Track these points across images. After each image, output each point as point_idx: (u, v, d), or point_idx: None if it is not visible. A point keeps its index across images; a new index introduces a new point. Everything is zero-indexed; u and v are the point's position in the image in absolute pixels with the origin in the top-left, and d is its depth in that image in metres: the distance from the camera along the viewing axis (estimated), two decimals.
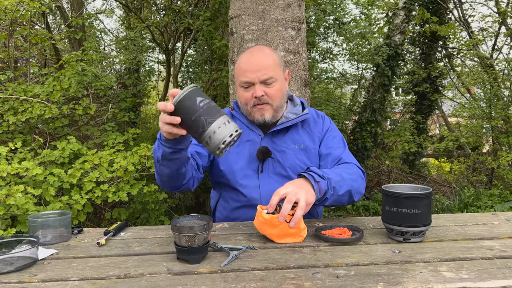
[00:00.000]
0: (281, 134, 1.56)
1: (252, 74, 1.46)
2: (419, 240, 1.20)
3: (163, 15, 7.13)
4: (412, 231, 1.17)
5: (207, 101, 1.07)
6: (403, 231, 1.18)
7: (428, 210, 1.18)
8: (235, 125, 1.08)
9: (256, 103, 1.49)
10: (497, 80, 6.33)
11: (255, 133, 1.57)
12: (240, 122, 1.60)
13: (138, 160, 3.20)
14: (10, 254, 1.08)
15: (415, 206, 1.16)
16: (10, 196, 2.27)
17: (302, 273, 0.96)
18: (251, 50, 1.56)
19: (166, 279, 0.95)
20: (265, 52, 1.52)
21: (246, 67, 1.48)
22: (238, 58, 1.57)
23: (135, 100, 5.94)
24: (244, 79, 1.48)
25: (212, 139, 1.06)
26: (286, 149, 1.54)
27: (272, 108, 1.50)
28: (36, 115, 3.25)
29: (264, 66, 1.47)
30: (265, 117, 1.50)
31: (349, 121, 7.53)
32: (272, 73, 1.47)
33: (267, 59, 1.49)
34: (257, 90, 1.46)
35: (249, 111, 1.52)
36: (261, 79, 1.46)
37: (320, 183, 1.27)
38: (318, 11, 6.44)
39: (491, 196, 5.40)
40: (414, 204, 1.16)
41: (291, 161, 1.53)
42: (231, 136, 1.06)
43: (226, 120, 1.07)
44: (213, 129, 1.05)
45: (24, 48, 4.62)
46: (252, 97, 1.48)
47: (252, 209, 1.49)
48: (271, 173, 1.53)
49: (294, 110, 1.59)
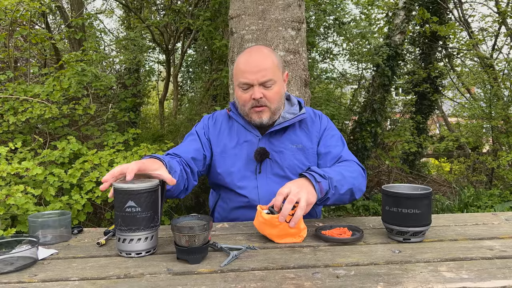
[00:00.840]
0: (278, 134, 1.56)
1: (251, 76, 1.45)
2: (419, 240, 1.20)
3: (163, 15, 7.13)
4: (412, 231, 1.17)
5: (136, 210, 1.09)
6: (403, 231, 1.18)
7: (428, 210, 1.18)
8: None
9: (254, 105, 1.48)
10: (497, 80, 6.33)
11: (253, 134, 1.56)
12: (237, 123, 1.60)
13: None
14: (10, 254, 1.08)
15: (415, 206, 1.16)
16: (10, 196, 2.27)
17: (302, 273, 0.96)
18: (250, 51, 1.54)
19: (166, 279, 0.95)
20: (264, 53, 1.51)
21: (245, 68, 1.47)
22: (237, 58, 1.56)
23: (135, 100, 5.94)
24: (243, 80, 1.47)
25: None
26: (284, 150, 1.54)
27: (270, 111, 1.50)
28: (36, 115, 3.25)
29: (264, 67, 1.46)
30: (262, 120, 1.50)
31: (349, 121, 7.52)
32: (271, 75, 1.47)
33: (267, 60, 1.48)
34: (256, 92, 1.46)
35: (246, 112, 1.52)
36: (260, 81, 1.45)
37: (321, 183, 1.27)
38: (318, 11, 6.44)
39: (491, 196, 5.40)
40: (414, 204, 1.16)
41: (289, 161, 1.53)
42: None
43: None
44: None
45: (24, 48, 4.62)
46: (250, 98, 1.48)
47: (251, 210, 1.50)
48: (269, 174, 1.53)
49: (291, 110, 1.59)
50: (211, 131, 1.63)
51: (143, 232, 1.10)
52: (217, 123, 1.64)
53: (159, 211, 1.15)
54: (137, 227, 1.09)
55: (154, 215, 1.12)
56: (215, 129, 1.63)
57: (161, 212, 1.18)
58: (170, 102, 9.09)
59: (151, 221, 1.11)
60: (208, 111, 5.08)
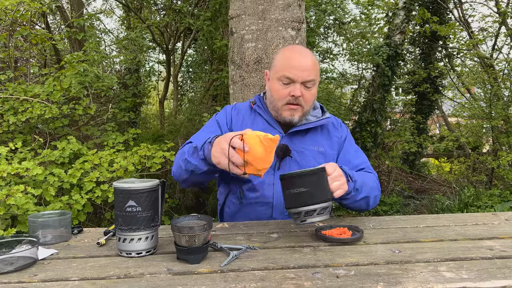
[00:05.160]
0: (300, 134, 1.55)
1: (298, 72, 1.44)
2: (318, 220, 1.16)
3: (163, 15, 7.13)
4: (304, 210, 1.14)
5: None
6: (297, 212, 1.16)
7: (316, 187, 1.15)
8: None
9: (290, 101, 1.47)
10: (497, 80, 6.33)
11: (276, 131, 1.55)
12: (260, 117, 1.59)
13: (138, 160, 3.20)
14: (10, 254, 1.08)
15: (302, 184, 1.14)
16: (10, 196, 2.27)
17: (302, 273, 0.96)
18: (295, 49, 1.55)
19: (166, 279, 0.95)
20: (309, 53, 1.52)
21: (292, 63, 1.46)
22: (280, 51, 1.54)
23: (135, 100, 5.94)
24: (288, 74, 1.45)
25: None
26: (305, 150, 1.54)
27: (302, 111, 1.49)
28: (36, 115, 3.25)
29: (310, 68, 1.46)
30: (293, 118, 1.49)
31: (349, 121, 7.53)
32: (314, 76, 1.47)
33: (312, 61, 1.48)
34: (297, 90, 1.44)
35: (279, 107, 1.50)
36: (304, 79, 1.45)
37: (349, 183, 1.28)
38: (318, 11, 6.44)
39: (491, 196, 5.39)
40: (301, 182, 1.14)
41: (309, 163, 1.52)
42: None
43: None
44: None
45: (24, 48, 4.63)
46: (288, 94, 1.46)
47: (262, 206, 1.49)
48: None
49: (314, 113, 1.59)
50: (234, 121, 1.61)
51: (144, 232, 1.10)
52: (239, 114, 1.63)
53: (159, 210, 1.15)
54: (137, 227, 1.09)
55: (155, 214, 1.12)
56: (238, 120, 1.61)
57: (161, 212, 1.18)
58: (170, 102, 9.10)
59: (151, 221, 1.11)
60: (208, 111, 5.09)
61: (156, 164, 3.26)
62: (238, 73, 2.70)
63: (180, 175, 1.42)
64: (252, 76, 2.64)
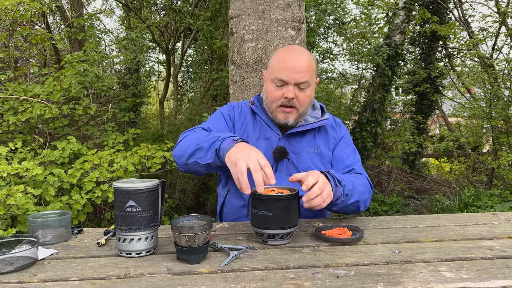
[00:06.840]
0: (298, 136, 1.55)
1: (291, 74, 1.42)
2: (280, 244, 1.17)
3: (163, 15, 7.13)
4: (267, 233, 1.16)
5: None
6: (260, 233, 1.18)
7: (283, 213, 1.15)
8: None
9: (283, 104, 1.46)
10: (497, 80, 6.33)
11: (274, 132, 1.55)
12: (259, 117, 1.58)
13: (138, 160, 3.20)
14: (10, 254, 1.08)
15: (268, 208, 1.15)
16: (10, 196, 2.27)
17: (302, 273, 0.96)
18: (290, 49, 1.52)
19: (166, 279, 0.95)
20: (305, 54, 1.48)
21: (284, 65, 1.44)
22: (276, 52, 1.53)
23: (135, 100, 5.94)
24: (280, 76, 1.44)
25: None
26: (302, 152, 1.53)
27: (297, 113, 1.48)
28: (36, 115, 3.25)
29: (303, 69, 1.43)
30: (288, 121, 1.48)
31: (349, 121, 7.53)
32: (308, 77, 1.45)
33: (307, 62, 1.45)
34: (290, 92, 1.43)
35: (273, 109, 1.50)
36: (297, 81, 1.43)
37: (338, 188, 1.28)
38: (318, 11, 6.44)
39: (491, 196, 5.40)
40: (267, 206, 1.15)
41: (305, 164, 1.52)
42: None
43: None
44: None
45: (24, 48, 4.63)
46: (281, 96, 1.45)
47: None
48: (284, 174, 1.51)
49: (313, 114, 1.58)
50: (236, 119, 1.61)
51: (143, 232, 1.10)
52: (242, 113, 1.62)
53: (159, 210, 1.15)
54: (137, 227, 1.09)
55: (155, 214, 1.12)
56: (240, 118, 1.61)
57: (161, 212, 1.18)
58: (170, 102, 9.09)
59: (151, 221, 1.11)
60: (208, 111, 5.08)
61: (156, 164, 3.26)
62: (238, 73, 2.70)
63: (182, 155, 1.40)
64: (252, 76, 2.64)
